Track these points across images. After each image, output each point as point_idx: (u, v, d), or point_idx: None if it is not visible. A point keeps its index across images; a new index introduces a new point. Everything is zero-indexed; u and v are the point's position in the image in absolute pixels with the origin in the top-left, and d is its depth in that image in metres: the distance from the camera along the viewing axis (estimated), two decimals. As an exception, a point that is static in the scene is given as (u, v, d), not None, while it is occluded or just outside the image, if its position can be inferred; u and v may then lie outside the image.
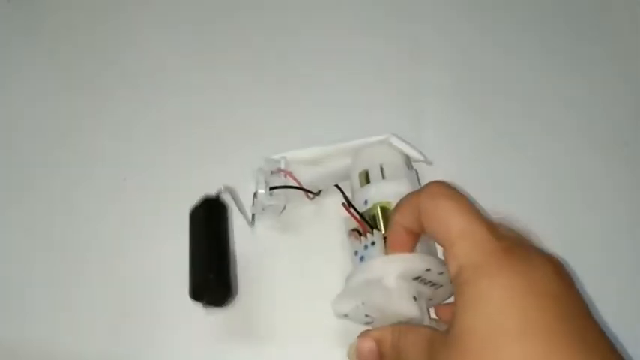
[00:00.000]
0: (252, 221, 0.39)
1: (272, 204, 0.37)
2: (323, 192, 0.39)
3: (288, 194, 0.38)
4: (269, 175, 0.38)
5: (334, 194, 0.37)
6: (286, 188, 0.37)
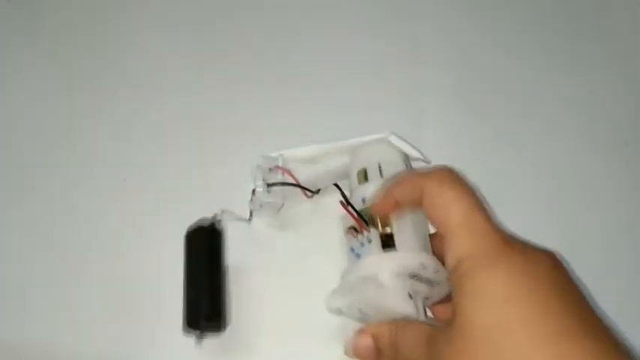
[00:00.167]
0: (250, 218, 0.39)
1: (270, 201, 0.37)
2: (322, 191, 0.39)
3: (285, 192, 0.38)
4: (267, 172, 0.38)
5: (333, 193, 0.36)
6: (284, 185, 0.37)
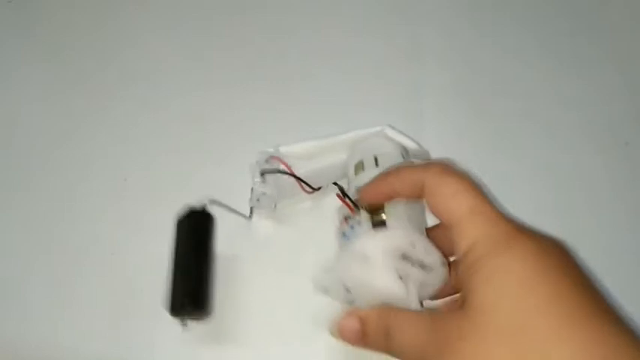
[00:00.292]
0: (250, 215, 0.39)
1: (265, 192, 0.37)
2: (323, 190, 0.38)
3: (281, 182, 0.38)
4: (263, 165, 0.38)
5: (334, 193, 0.36)
6: (278, 173, 0.37)
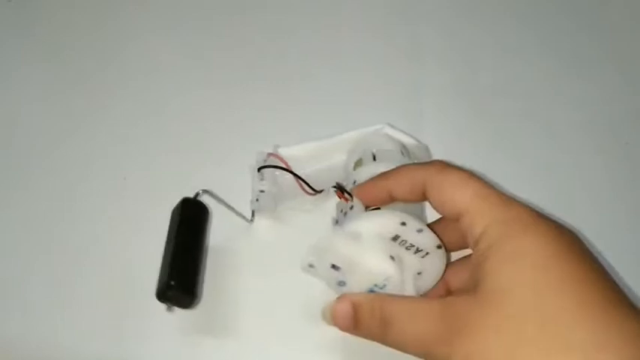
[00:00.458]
0: (252, 218, 0.39)
1: (263, 189, 0.37)
2: (325, 193, 0.38)
3: (281, 182, 0.38)
4: (261, 163, 0.38)
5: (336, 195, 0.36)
6: (275, 168, 0.37)
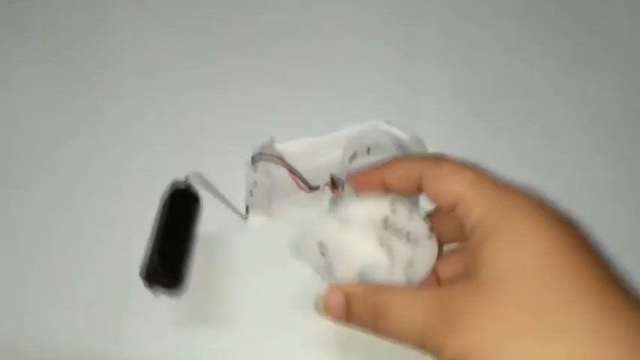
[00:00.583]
0: (246, 215, 0.38)
1: (257, 180, 0.37)
2: (321, 190, 0.38)
3: (276, 176, 0.38)
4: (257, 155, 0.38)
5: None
6: (269, 157, 0.37)
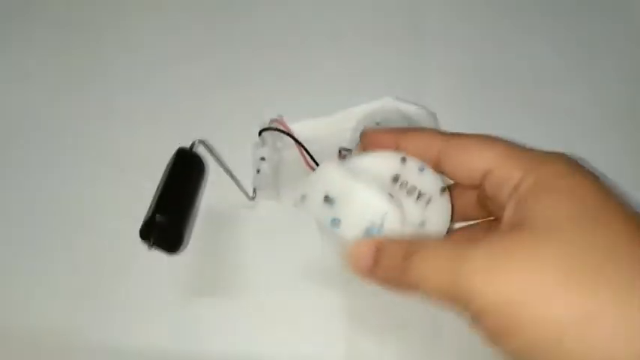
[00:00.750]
0: (253, 195, 0.39)
1: (264, 156, 0.37)
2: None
3: (282, 152, 0.38)
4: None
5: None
6: (276, 131, 0.38)
